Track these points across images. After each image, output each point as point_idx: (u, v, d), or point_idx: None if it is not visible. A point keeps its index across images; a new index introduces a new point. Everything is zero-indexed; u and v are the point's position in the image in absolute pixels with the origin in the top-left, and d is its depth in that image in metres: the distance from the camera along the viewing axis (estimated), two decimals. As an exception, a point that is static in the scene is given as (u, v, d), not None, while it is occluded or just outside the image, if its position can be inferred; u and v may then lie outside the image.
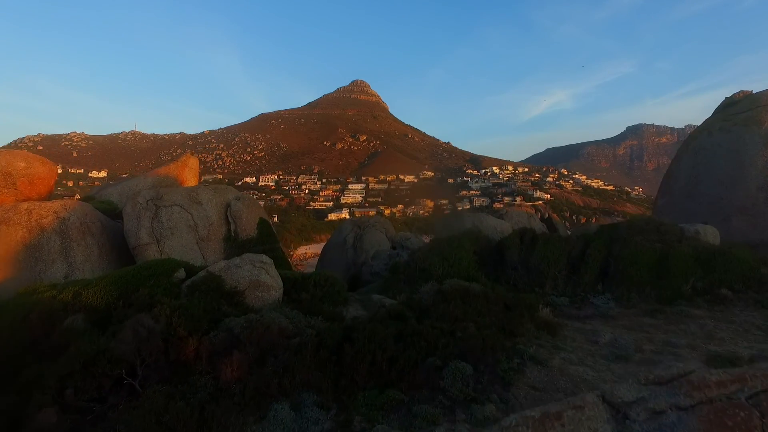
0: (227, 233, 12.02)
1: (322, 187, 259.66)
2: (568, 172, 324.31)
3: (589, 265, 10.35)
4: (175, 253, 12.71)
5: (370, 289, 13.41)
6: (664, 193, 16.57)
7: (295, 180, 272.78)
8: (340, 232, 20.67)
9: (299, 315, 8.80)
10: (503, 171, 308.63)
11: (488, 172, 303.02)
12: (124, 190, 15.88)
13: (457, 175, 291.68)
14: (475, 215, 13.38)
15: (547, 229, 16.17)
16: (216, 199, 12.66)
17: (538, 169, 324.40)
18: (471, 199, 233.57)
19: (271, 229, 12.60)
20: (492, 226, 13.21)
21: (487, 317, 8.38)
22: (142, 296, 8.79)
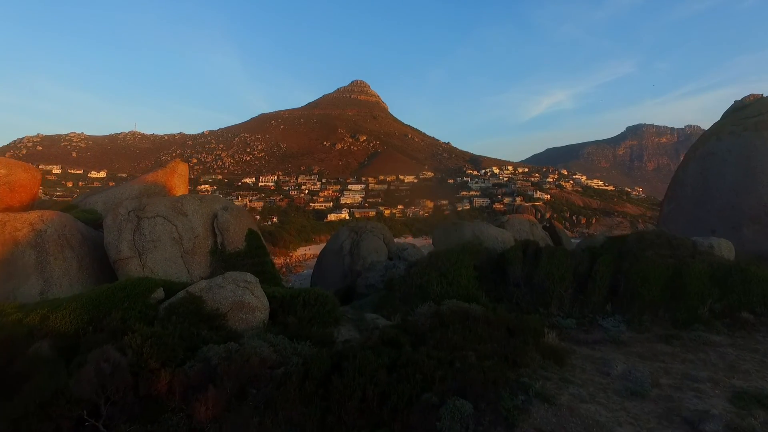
0: (214, 246, 11.33)
1: (321, 187, 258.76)
2: (568, 172, 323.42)
3: (597, 283, 9.68)
4: (158, 267, 11.99)
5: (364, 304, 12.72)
6: (670, 199, 15.87)
7: (295, 180, 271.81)
8: (337, 238, 19.98)
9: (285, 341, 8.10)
10: (503, 171, 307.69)
11: (488, 172, 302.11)
12: (109, 197, 15.17)
13: (457, 175, 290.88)
14: (476, 225, 12.68)
15: (550, 238, 15.46)
16: (202, 209, 11.94)
17: (538, 170, 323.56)
18: (471, 200, 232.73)
19: (261, 240, 11.89)
20: (493, 236, 12.51)
21: (488, 344, 7.69)
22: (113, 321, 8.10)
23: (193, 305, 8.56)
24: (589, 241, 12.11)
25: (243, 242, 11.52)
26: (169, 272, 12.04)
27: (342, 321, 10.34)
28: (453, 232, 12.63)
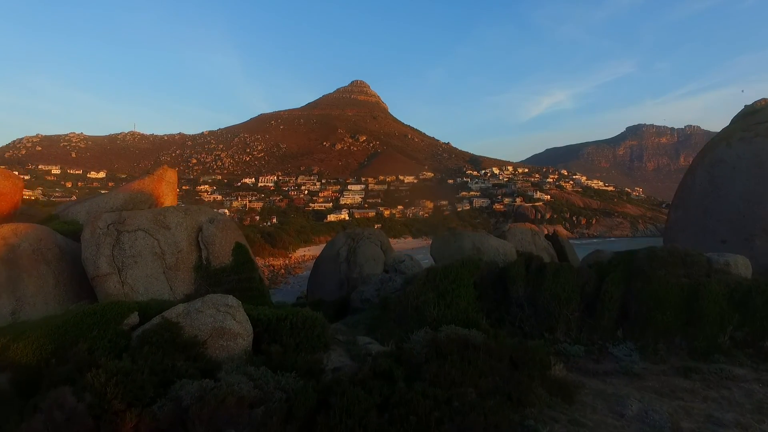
0: (198, 261, 10.62)
1: (321, 187, 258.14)
2: (568, 172, 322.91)
3: (607, 305, 8.99)
4: (138, 283, 11.27)
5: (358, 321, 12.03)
6: (677, 206, 15.17)
7: (295, 181, 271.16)
8: (333, 245, 19.29)
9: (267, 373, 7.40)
10: (503, 172, 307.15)
11: (488, 172, 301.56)
12: (93, 207, 14.42)
13: (457, 175, 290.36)
14: (476, 235, 11.98)
15: (553, 248, 14.71)
16: (186, 222, 11.20)
17: (538, 170, 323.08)
18: (471, 200, 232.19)
19: (249, 254, 11.16)
20: (494, 247, 11.81)
21: (489, 378, 7.00)
22: (79, 353, 7.38)
23: (168, 333, 7.86)
24: (595, 256, 11.38)
25: (229, 257, 10.79)
26: (151, 289, 11.32)
27: (332, 345, 9.64)
28: (452, 243, 11.94)
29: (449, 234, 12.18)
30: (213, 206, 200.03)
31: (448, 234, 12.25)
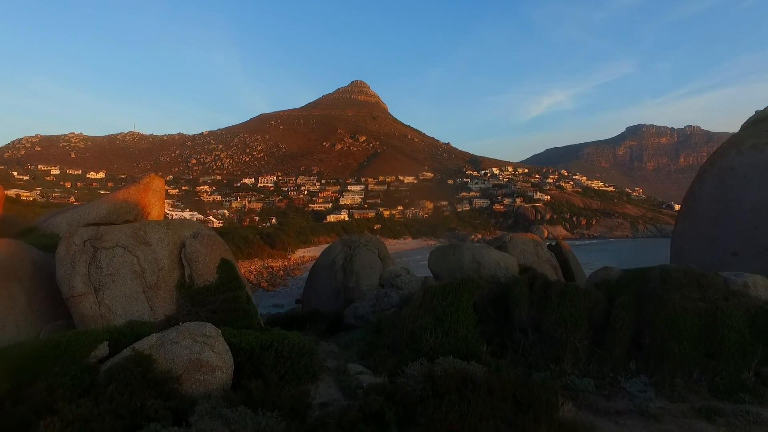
0: (181, 279, 9.90)
1: (321, 188, 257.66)
2: (568, 173, 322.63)
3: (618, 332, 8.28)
4: (116, 304, 10.55)
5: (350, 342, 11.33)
6: (684, 216, 14.47)
7: (294, 181, 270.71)
8: (329, 252, 18.62)
9: (246, 415, 6.67)
10: (503, 172, 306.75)
11: (488, 173, 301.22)
12: (74, 218, 13.68)
13: (457, 176, 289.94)
14: (475, 248, 11.27)
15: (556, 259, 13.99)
16: (168, 237, 10.46)
17: (538, 170, 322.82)
18: (471, 201, 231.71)
19: (235, 271, 10.42)
20: (495, 260, 11.10)
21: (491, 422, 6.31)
22: (37, 393, 6.63)
23: (139, 368, 7.15)
24: (603, 274, 10.66)
25: (214, 274, 10.06)
26: (130, 310, 10.59)
27: (321, 374, 8.93)
28: (451, 256, 11.23)
29: (448, 247, 11.44)
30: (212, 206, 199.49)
31: (446, 247, 11.51)
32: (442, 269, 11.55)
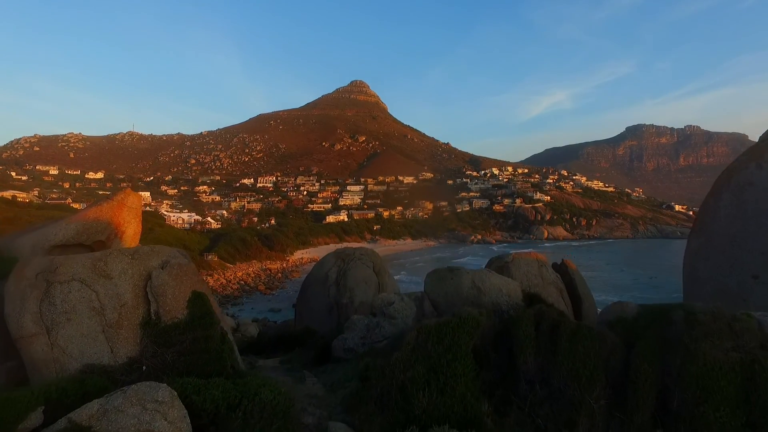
0: (146, 316, 8.77)
1: (320, 188, 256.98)
2: (568, 173, 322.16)
3: (640, 391, 7.11)
4: (72, 345, 9.34)
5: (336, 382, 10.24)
6: (699, 232, 13.39)
7: (294, 181, 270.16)
8: (322, 266, 17.51)
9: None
10: (503, 172, 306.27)
11: (488, 173, 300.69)
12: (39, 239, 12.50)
13: (457, 176, 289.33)
14: (476, 273, 10.18)
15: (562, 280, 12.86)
16: (132, 269, 9.28)
17: (538, 170, 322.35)
18: (470, 201, 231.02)
19: (208, 306, 9.25)
20: (497, 287, 10.05)
21: None
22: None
23: (74, 445, 6.02)
24: (617, 310, 9.51)
25: (184, 310, 8.92)
26: (87, 352, 9.37)
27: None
28: (449, 281, 10.13)
29: (446, 270, 10.26)
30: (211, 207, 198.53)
31: (444, 270, 10.34)
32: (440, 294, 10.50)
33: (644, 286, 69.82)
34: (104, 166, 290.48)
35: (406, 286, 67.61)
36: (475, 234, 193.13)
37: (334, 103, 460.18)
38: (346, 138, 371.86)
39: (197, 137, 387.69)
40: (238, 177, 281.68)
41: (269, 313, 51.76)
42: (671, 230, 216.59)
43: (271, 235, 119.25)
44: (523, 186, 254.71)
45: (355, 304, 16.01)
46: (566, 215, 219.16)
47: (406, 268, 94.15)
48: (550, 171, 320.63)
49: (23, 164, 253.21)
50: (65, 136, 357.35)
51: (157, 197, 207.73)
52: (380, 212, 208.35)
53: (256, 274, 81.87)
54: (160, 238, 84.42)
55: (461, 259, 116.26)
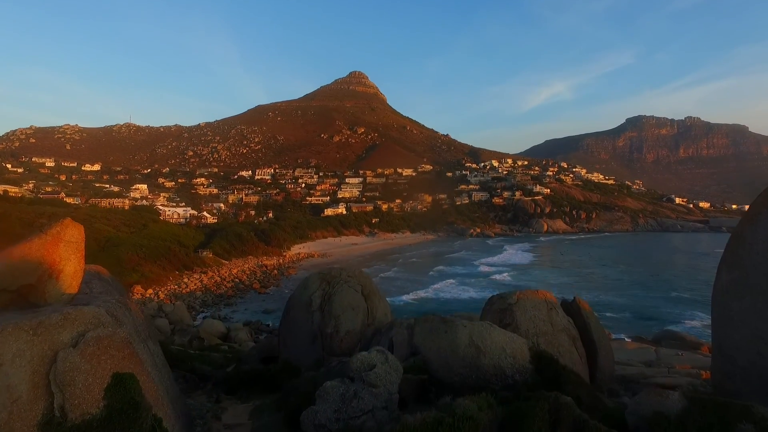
0: (47, 412, 6.89)
1: (319, 181, 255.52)
2: (567, 165, 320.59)
3: None
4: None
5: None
6: (731, 265, 11.68)
7: (292, 174, 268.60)
8: (305, 288, 15.93)
9: None
10: (502, 164, 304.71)
11: (487, 165, 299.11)
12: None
13: (456, 168, 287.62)
14: (474, 328, 8.65)
15: (575, 325, 11.31)
16: (32, 350, 7.00)
17: (538, 163, 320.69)
18: (470, 194, 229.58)
19: (134, 394, 7.10)
20: (499, 345, 8.54)
21: None
22: None
23: None
24: (654, 403, 7.14)
25: (100, 402, 7.04)
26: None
27: None
28: (442, 334, 8.63)
29: (439, 321, 8.67)
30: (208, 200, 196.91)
31: (438, 321, 8.74)
32: (431, 349, 8.97)
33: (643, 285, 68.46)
34: (101, 158, 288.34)
35: (396, 284, 66.36)
36: (474, 227, 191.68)
37: (333, 95, 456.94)
38: (344, 130, 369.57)
39: (195, 129, 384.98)
40: (236, 169, 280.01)
41: (263, 314, 50.40)
42: (671, 223, 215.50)
43: (268, 229, 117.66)
44: (522, 179, 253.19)
45: (341, 333, 14.46)
46: (566, 208, 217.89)
47: (398, 264, 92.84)
48: (550, 163, 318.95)
49: (19, 156, 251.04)
50: (62, 128, 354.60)
51: (154, 190, 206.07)
52: (379, 205, 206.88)
53: (251, 270, 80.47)
54: (154, 234, 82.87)
55: (456, 254, 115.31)
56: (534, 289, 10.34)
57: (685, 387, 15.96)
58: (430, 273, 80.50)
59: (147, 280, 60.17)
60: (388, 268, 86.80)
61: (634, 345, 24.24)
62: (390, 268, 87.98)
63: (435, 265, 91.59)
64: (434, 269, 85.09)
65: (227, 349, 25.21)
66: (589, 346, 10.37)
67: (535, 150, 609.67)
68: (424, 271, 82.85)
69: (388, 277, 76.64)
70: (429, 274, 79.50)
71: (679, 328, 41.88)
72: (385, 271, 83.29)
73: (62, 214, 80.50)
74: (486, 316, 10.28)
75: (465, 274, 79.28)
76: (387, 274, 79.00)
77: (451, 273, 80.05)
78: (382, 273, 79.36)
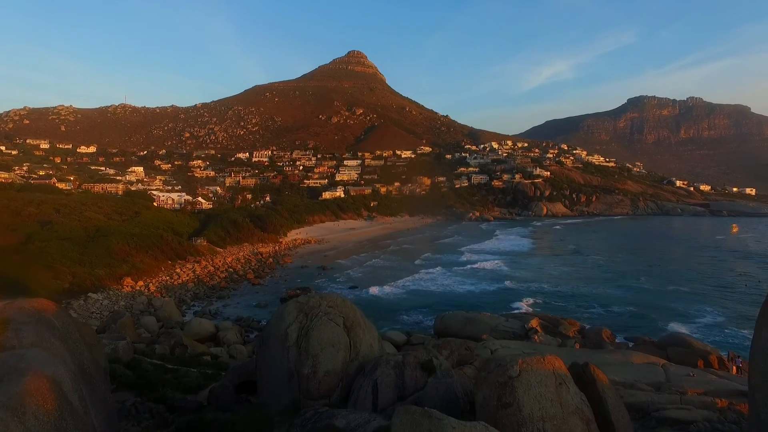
0: None
1: (316, 163, 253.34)
2: (568, 146, 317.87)
3: None
4: None
5: None
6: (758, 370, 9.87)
7: (290, 156, 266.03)
8: (281, 318, 14.36)
9: None
10: (502, 146, 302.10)
11: (487, 147, 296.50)
12: None
13: (456, 150, 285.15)
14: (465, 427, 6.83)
15: (588, 403, 9.52)
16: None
17: (538, 144, 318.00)
18: (469, 176, 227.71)
19: None
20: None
21: None
22: None
23: None
24: None
25: None
26: None
27: None
28: None
29: (422, 415, 6.97)
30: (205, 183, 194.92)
31: (419, 414, 7.03)
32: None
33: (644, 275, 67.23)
34: (96, 140, 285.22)
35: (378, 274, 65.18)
36: (473, 211, 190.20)
37: (331, 75, 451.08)
38: (343, 110, 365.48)
39: (191, 110, 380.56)
40: (233, 151, 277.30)
41: (255, 309, 49.17)
42: (671, 207, 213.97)
43: (264, 215, 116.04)
44: (522, 161, 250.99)
45: (319, 374, 12.96)
46: (566, 191, 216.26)
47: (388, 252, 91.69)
48: (550, 145, 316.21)
49: (13, 138, 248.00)
50: (56, 109, 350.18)
51: (151, 173, 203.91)
52: (377, 188, 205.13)
53: (246, 259, 79.08)
54: (147, 221, 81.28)
55: (447, 239, 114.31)
56: (540, 356, 8.73)
57: (701, 423, 14.60)
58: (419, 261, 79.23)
59: (138, 272, 58.80)
60: (376, 255, 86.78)
61: (640, 359, 22.89)
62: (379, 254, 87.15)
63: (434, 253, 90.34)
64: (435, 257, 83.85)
65: (209, 361, 23.85)
66: (606, 429, 8.79)
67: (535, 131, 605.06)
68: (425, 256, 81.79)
69: (372, 265, 76.52)
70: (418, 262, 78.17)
71: (684, 326, 40.70)
72: (372, 258, 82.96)
73: (51, 201, 78.79)
74: (481, 388, 8.71)
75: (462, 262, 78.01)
76: (372, 262, 78.94)
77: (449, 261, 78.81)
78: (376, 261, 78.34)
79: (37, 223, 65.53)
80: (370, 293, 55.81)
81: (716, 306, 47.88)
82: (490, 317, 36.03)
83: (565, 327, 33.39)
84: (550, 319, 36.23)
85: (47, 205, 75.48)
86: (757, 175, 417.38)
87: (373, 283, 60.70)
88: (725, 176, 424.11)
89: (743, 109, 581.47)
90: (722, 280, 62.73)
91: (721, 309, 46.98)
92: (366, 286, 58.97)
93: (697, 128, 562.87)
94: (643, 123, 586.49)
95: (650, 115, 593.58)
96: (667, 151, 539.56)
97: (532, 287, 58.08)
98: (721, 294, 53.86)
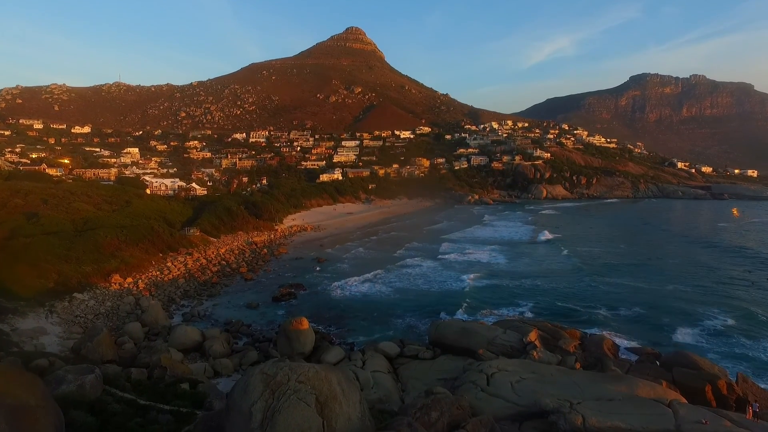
0: None
1: (314, 144, 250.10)
2: (569, 126, 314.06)
3: None
4: None
5: None
6: None
7: (287, 136, 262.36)
8: (245, 392, 12.62)
9: None
10: (502, 126, 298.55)
11: (487, 127, 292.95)
12: None
13: (455, 130, 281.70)
14: None
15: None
16: None
17: (539, 124, 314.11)
18: (469, 158, 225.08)
19: None
20: None
21: None
22: None
23: None
24: None
25: None
26: None
27: None
28: None
29: None
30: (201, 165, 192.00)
31: None
32: None
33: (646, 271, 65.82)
34: (91, 120, 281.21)
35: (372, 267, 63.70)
36: (472, 194, 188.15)
37: (329, 52, 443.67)
38: (341, 89, 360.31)
39: (187, 88, 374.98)
40: (229, 131, 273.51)
41: (246, 310, 47.72)
42: (672, 189, 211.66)
43: (260, 202, 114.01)
44: (522, 142, 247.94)
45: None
46: (566, 173, 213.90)
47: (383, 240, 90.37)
48: (551, 125, 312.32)
49: (6, 118, 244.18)
50: (48, 88, 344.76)
51: (146, 154, 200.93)
52: (375, 171, 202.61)
53: (240, 249, 77.42)
54: (138, 211, 79.38)
55: (437, 225, 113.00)
56: None
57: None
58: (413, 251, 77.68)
59: (127, 267, 57.15)
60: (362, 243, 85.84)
61: (646, 390, 21.38)
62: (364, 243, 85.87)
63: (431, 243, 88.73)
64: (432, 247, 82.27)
65: (187, 391, 22.32)
66: None
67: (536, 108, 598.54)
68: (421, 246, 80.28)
69: (354, 255, 75.45)
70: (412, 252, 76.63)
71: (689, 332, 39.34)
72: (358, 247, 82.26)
73: (39, 191, 76.75)
74: None
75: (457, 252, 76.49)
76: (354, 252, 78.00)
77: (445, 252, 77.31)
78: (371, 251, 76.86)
79: (23, 215, 63.69)
80: (363, 290, 54.52)
81: (722, 306, 46.46)
82: (486, 327, 34.56)
83: (566, 340, 31.85)
84: (549, 330, 34.73)
85: (35, 195, 73.51)
86: (758, 154, 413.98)
87: (367, 278, 59.37)
88: (726, 155, 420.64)
89: (746, 87, 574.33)
90: (725, 274, 61.41)
91: (727, 309, 45.62)
92: (359, 281, 57.73)
93: (700, 106, 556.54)
94: (645, 101, 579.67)
95: (652, 93, 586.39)
96: (668, 130, 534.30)
97: (525, 284, 56.80)
98: (725, 292, 52.49)
